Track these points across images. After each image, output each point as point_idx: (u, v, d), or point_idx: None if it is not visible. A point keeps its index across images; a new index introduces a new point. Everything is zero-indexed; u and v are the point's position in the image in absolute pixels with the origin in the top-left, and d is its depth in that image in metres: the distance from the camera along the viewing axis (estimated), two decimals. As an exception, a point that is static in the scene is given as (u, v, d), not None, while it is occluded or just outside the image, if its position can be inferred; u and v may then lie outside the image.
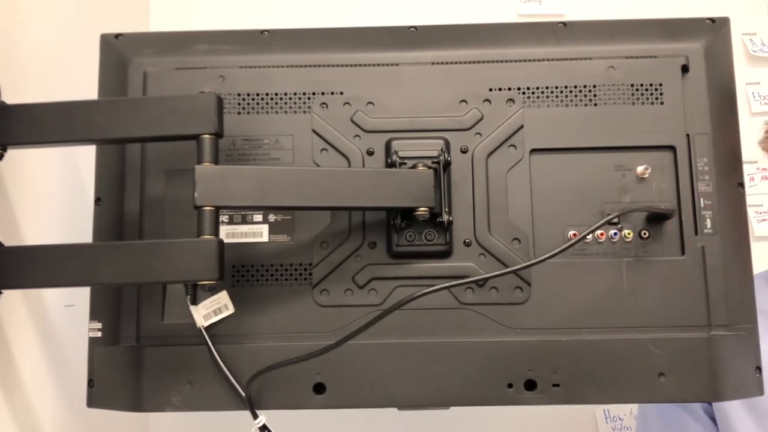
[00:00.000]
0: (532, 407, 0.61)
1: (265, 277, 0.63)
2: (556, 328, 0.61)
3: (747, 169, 1.18)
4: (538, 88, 0.64)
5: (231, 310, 0.62)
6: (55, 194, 0.80)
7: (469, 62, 0.65)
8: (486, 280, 0.61)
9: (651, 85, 0.64)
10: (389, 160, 0.62)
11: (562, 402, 0.60)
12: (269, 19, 1.25)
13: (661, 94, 0.64)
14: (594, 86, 0.64)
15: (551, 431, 1.19)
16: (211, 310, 0.62)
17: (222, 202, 0.57)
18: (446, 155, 0.62)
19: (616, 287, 0.61)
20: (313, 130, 0.64)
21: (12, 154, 0.62)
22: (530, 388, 0.60)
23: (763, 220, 1.23)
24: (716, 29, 0.65)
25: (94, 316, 0.63)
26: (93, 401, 0.62)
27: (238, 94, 0.65)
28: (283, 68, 0.65)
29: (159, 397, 0.61)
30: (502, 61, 0.65)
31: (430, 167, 0.61)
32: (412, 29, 0.67)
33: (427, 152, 0.62)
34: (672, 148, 0.63)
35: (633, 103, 0.64)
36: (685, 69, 0.64)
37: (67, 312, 0.81)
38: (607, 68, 0.64)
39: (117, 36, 0.67)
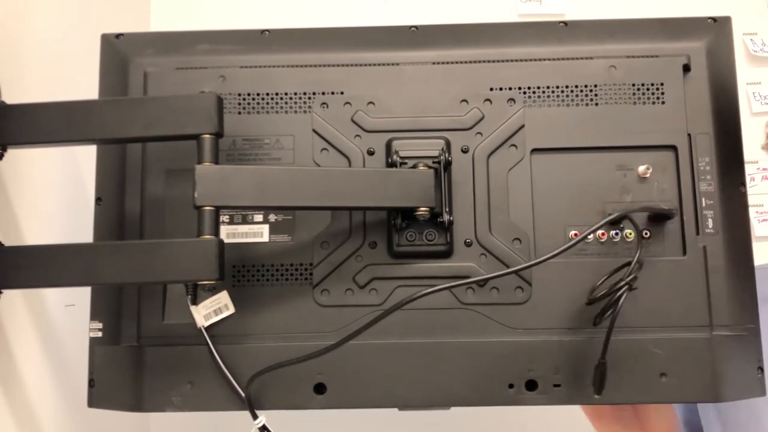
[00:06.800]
0: (533, 407, 0.61)
1: (265, 277, 0.63)
2: (557, 328, 0.61)
3: (747, 169, 1.18)
4: (539, 87, 0.64)
5: (231, 310, 0.62)
6: (55, 194, 0.80)
7: (470, 62, 0.65)
8: (487, 280, 0.61)
9: (652, 84, 0.64)
10: (390, 160, 0.62)
11: (563, 402, 0.60)
12: (270, 18, 1.25)
13: (663, 93, 0.64)
14: (595, 86, 0.64)
15: (551, 431, 1.19)
16: (211, 310, 0.62)
17: (222, 202, 0.57)
18: (447, 155, 0.62)
19: (618, 287, 0.61)
20: (314, 130, 0.64)
21: (12, 154, 0.62)
22: (531, 389, 0.60)
23: (764, 220, 1.23)
24: (718, 28, 0.65)
25: (94, 316, 0.63)
26: (94, 401, 0.62)
27: (239, 94, 0.65)
28: (283, 68, 0.65)
29: (159, 397, 0.61)
30: (502, 61, 0.65)
31: (430, 167, 0.61)
32: (412, 29, 0.67)
33: (428, 152, 0.62)
34: (673, 148, 0.63)
35: (634, 103, 0.64)
36: (686, 68, 0.64)
37: (67, 312, 0.80)
38: (608, 68, 0.64)
39: (117, 36, 0.67)
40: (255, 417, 0.60)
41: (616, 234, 0.62)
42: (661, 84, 0.64)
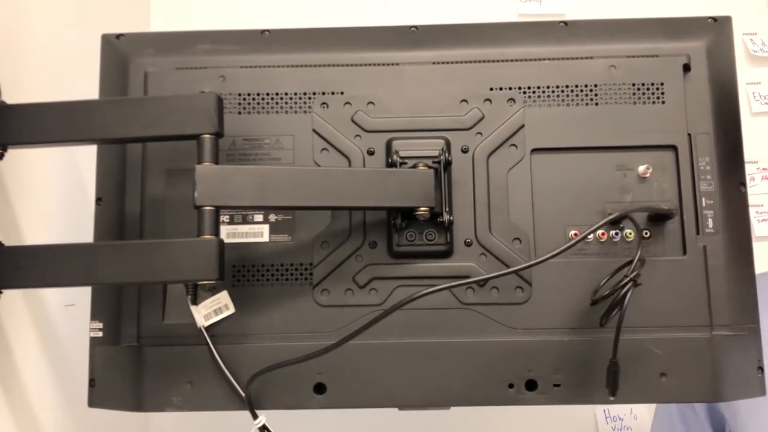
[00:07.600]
0: (533, 407, 0.61)
1: (265, 277, 0.63)
2: (557, 328, 0.61)
3: (747, 169, 1.18)
4: (539, 87, 0.64)
5: (231, 310, 0.62)
6: (55, 194, 0.80)
7: (470, 62, 0.65)
8: (487, 280, 0.61)
9: (652, 84, 0.64)
10: (390, 160, 0.62)
11: (563, 402, 0.60)
12: (270, 19, 1.25)
13: (663, 93, 0.64)
14: (595, 85, 0.64)
15: (551, 431, 1.19)
16: (211, 310, 0.62)
17: (222, 202, 0.57)
18: (447, 155, 0.62)
19: (618, 287, 0.61)
20: (314, 130, 0.64)
21: (12, 154, 0.62)
22: (531, 388, 0.60)
23: (764, 220, 1.23)
24: (718, 28, 0.65)
25: (94, 315, 0.63)
26: (94, 401, 0.62)
27: (239, 94, 0.65)
28: (283, 68, 0.65)
29: (159, 397, 0.61)
30: (502, 61, 0.65)
31: (430, 167, 0.61)
32: (413, 29, 0.67)
33: (428, 152, 0.62)
34: (673, 148, 0.63)
35: (634, 103, 0.64)
36: (686, 68, 0.64)
37: (67, 312, 0.80)
38: (609, 67, 0.64)
39: (118, 36, 0.67)
40: (255, 417, 0.60)
41: (616, 234, 0.62)
42: (661, 84, 0.64)
